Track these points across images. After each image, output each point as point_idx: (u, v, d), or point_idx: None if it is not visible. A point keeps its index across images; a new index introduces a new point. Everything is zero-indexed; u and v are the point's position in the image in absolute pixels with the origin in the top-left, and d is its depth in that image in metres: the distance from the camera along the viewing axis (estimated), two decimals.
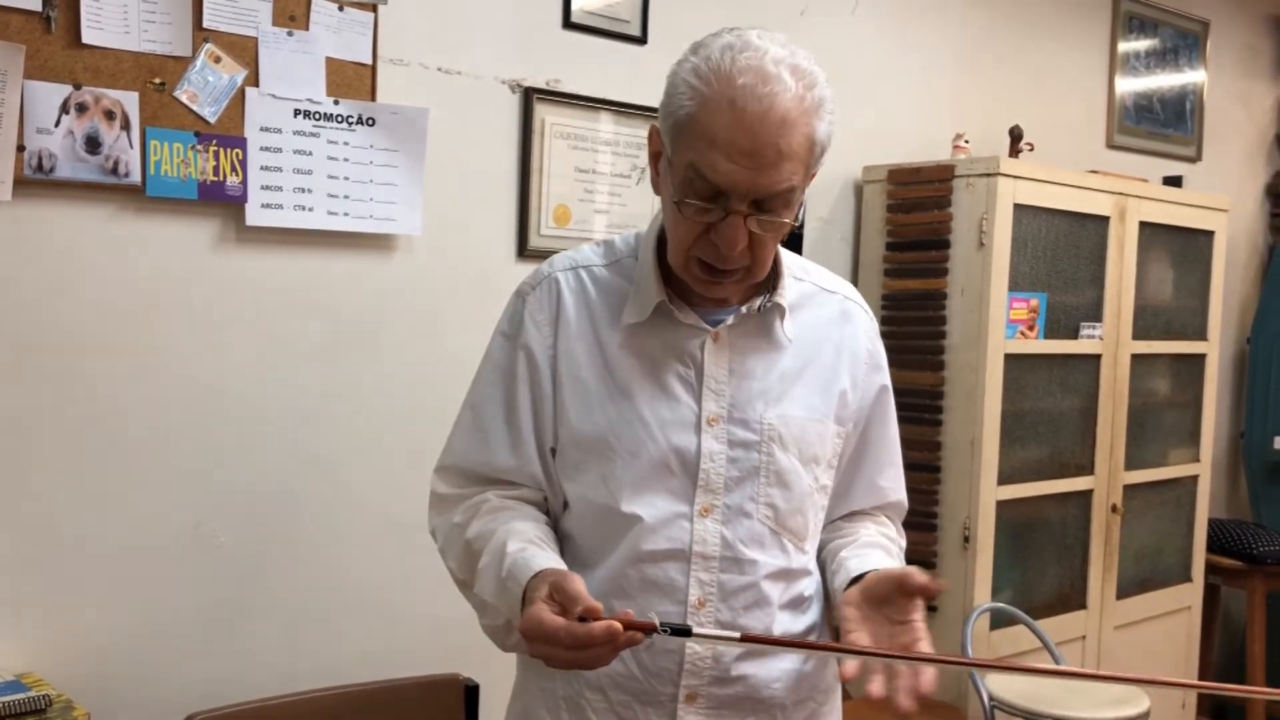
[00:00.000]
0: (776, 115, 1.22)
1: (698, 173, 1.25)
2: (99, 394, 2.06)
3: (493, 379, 1.43)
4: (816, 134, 1.28)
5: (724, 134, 1.22)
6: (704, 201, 1.26)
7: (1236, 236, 4.47)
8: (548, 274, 1.44)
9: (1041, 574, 3.30)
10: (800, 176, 1.27)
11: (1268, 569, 3.85)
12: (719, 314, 1.39)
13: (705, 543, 1.35)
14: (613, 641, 1.15)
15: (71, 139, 1.96)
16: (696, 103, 1.25)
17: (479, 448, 1.42)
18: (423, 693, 2.22)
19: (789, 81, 1.24)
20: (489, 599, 1.33)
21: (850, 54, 3.21)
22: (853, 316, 1.48)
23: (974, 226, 2.99)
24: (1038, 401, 3.20)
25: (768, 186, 1.24)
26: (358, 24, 2.27)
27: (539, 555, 1.28)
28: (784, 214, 1.28)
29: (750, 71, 1.23)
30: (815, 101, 1.27)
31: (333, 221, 2.27)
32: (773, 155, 1.23)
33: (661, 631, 1.17)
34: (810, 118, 1.26)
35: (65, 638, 2.05)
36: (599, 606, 1.17)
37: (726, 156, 1.23)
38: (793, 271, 1.45)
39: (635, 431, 1.35)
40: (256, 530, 2.25)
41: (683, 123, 1.26)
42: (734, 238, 1.26)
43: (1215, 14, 4.36)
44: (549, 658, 1.18)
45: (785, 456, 1.38)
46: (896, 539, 1.53)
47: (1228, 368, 4.49)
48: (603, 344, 1.39)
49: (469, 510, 1.40)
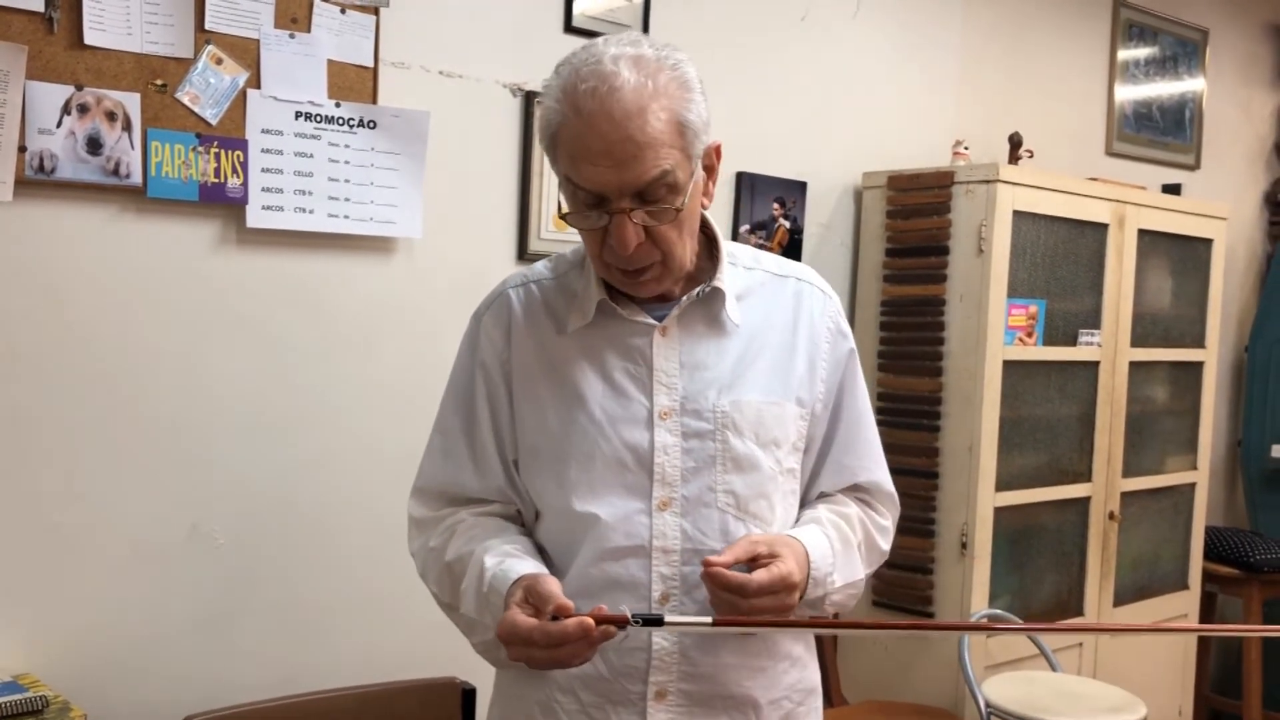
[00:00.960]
0: (619, 109, 1.24)
1: (573, 185, 1.29)
2: (97, 394, 2.06)
3: (455, 402, 1.47)
4: (681, 115, 1.28)
5: (579, 142, 1.26)
6: (587, 209, 1.29)
7: (1235, 244, 4.48)
8: (500, 292, 1.48)
9: (1039, 581, 3.30)
10: (675, 158, 1.27)
11: (1264, 577, 3.85)
12: (662, 308, 1.41)
13: (665, 536, 1.35)
14: (587, 637, 1.18)
15: (73, 140, 1.96)
16: (555, 120, 1.29)
17: (446, 470, 1.46)
18: (420, 695, 2.22)
19: (626, 75, 1.26)
20: (475, 616, 1.35)
21: (850, 60, 3.21)
22: (806, 296, 1.48)
23: (973, 233, 2.99)
24: (1036, 408, 3.20)
25: (636, 178, 1.26)
26: (359, 26, 2.28)
27: (517, 564, 1.31)
28: (671, 199, 1.29)
29: (590, 76, 1.26)
30: (662, 86, 1.27)
31: (333, 224, 2.27)
32: (630, 148, 1.25)
33: (634, 623, 1.19)
34: (663, 100, 1.27)
35: (62, 638, 2.05)
36: (570, 604, 1.20)
37: (588, 161, 1.26)
38: (742, 261, 1.47)
39: (588, 432, 1.37)
40: (254, 532, 2.25)
41: (550, 143, 1.31)
42: (623, 237, 1.28)
43: (1214, 22, 4.37)
44: (528, 659, 1.22)
45: (741, 442, 1.38)
46: (850, 515, 1.48)
47: (1226, 375, 4.49)
48: (551, 351, 1.41)
49: (445, 532, 1.43)
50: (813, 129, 3.14)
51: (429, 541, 1.45)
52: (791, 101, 3.09)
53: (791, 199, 3.09)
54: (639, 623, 1.19)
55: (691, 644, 1.35)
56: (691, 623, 1.27)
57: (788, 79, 3.07)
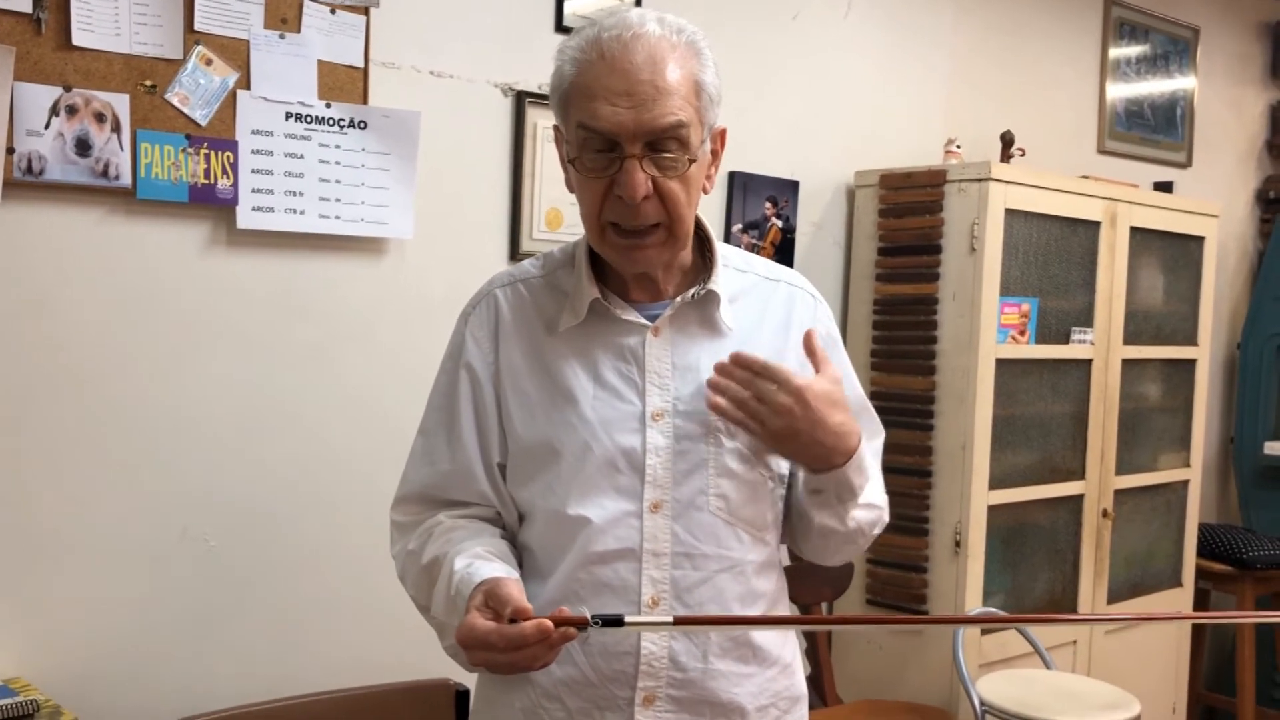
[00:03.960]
0: (644, 53, 1.27)
1: (587, 129, 1.29)
2: (87, 397, 2.05)
3: (439, 404, 1.46)
4: (699, 76, 1.31)
5: (600, 82, 1.28)
6: (599, 154, 1.29)
7: (1227, 242, 4.49)
8: (487, 292, 1.47)
9: (1032, 579, 3.30)
10: (689, 113, 1.29)
11: (1257, 574, 3.85)
12: (656, 308, 1.40)
13: (656, 539, 1.34)
14: (546, 639, 1.16)
15: (61, 141, 1.96)
16: (574, 69, 1.30)
17: (428, 473, 1.45)
18: (413, 697, 2.21)
19: (653, 27, 1.30)
20: (444, 619, 1.34)
21: (842, 59, 3.21)
22: (798, 301, 1.48)
23: (965, 231, 2.99)
24: (1029, 406, 3.20)
25: (652, 121, 1.27)
26: (350, 27, 2.27)
27: (484, 568, 1.29)
28: (681, 154, 1.30)
29: (616, 26, 1.30)
30: (687, 44, 1.31)
31: (324, 225, 2.26)
32: (650, 90, 1.27)
33: (593, 624, 1.17)
34: (684, 56, 1.30)
35: (53, 642, 2.04)
36: (528, 607, 1.19)
37: (606, 101, 1.27)
38: (734, 264, 1.46)
39: (579, 434, 1.35)
40: (246, 534, 2.24)
41: (567, 92, 1.32)
42: (633, 182, 1.28)
43: (1205, 21, 4.37)
44: (488, 664, 1.21)
45: (733, 445, 1.37)
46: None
47: (1218, 373, 4.50)
48: (542, 351, 1.40)
49: (422, 535, 1.42)
50: (805, 128, 3.14)
51: (408, 544, 1.44)
52: (784, 101, 3.09)
53: (784, 198, 3.09)
54: (598, 624, 1.18)
55: (680, 649, 1.34)
56: (652, 622, 1.27)
57: (780, 78, 3.07)
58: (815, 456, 1.31)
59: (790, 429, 1.27)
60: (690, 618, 1.29)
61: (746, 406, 1.27)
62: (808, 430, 1.27)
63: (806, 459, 1.33)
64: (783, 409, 1.26)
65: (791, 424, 1.27)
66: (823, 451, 1.30)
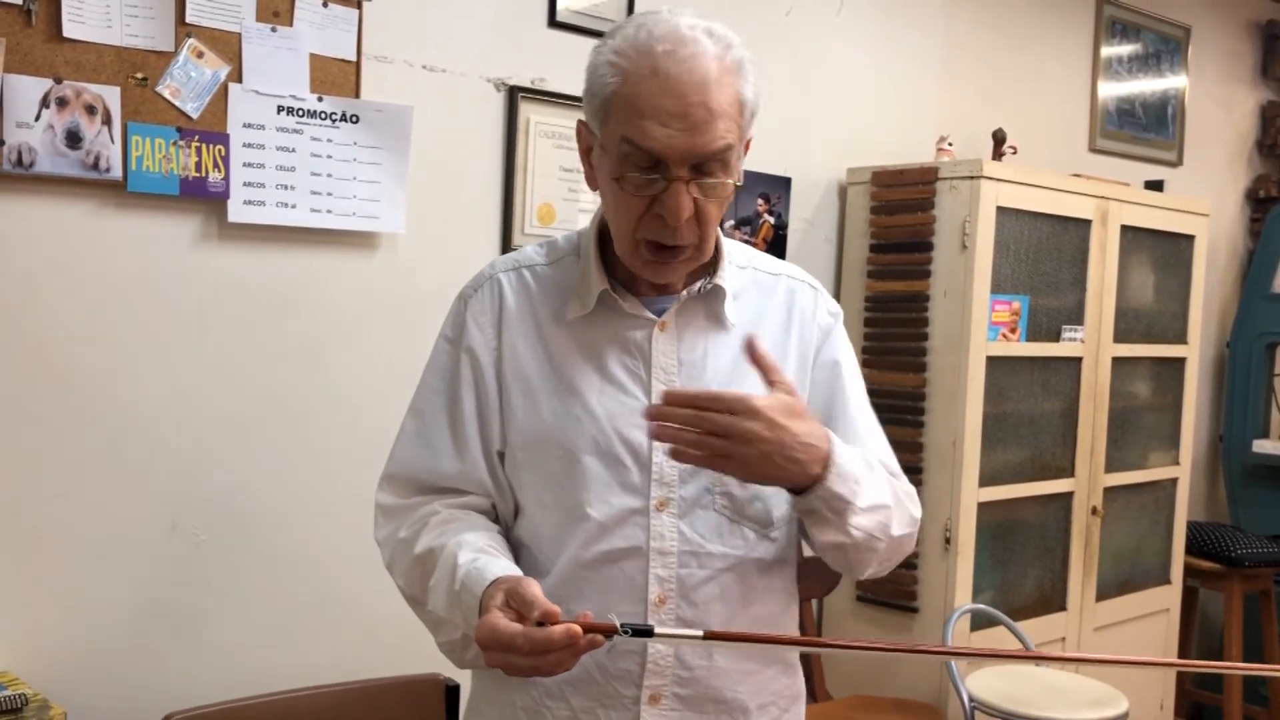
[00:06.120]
0: (699, 75, 1.23)
1: (633, 145, 1.24)
2: (77, 390, 2.05)
3: (436, 385, 1.41)
4: (743, 93, 1.28)
5: (652, 101, 1.23)
6: (643, 173, 1.25)
7: (1217, 240, 4.51)
8: (489, 275, 1.42)
9: (1022, 576, 3.31)
10: (735, 135, 1.27)
11: (1245, 571, 3.87)
12: (662, 302, 1.38)
13: (662, 538, 1.32)
14: (573, 645, 1.11)
15: (52, 133, 1.95)
16: (620, 78, 1.25)
17: (423, 455, 1.40)
18: (403, 692, 2.21)
19: (707, 43, 1.25)
20: (444, 614, 1.29)
21: (835, 56, 3.22)
22: (799, 294, 1.46)
23: (957, 229, 3.00)
24: (1019, 404, 3.21)
25: (703, 146, 1.24)
26: (342, 20, 2.26)
27: (492, 564, 1.24)
28: (724, 177, 1.28)
29: (668, 39, 1.24)
30: (735, 61, 1.27)
31: (315, 219, 2.26)
32: (703, 114, 1.23)
33: (623, 633, 1.13)
34: (733, 76, 1.27)
35: (42, 636, 2.03)
36: (556, 610, 1.13)
37: (659, 122, 1.23)
38: (736, 260, 1.44)
39: (584, 427, 1.33)
40: (235, 529, 2.24)
41: (609, 100, 1.26)
42: (678, 205, 1.25)
43: (1197, 20, 4.39)
44: (507, 666, 1.14)
45: None
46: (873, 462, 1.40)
47: (1208, 371, 4.52)
48: (547, 341, 1.37)
49: (416, 524, 1.37)
50: (797, 125, 3.14)
51: (398, 531, 1.39)
52: (776, 98, 3.08)
53: (776, 195, 3.09)
54: (629, 633, 1.13)
55: (686, 647, 1.33)
56: (683, 636, 1.23)
57: (772, 75, 3.07)
58: (792, 476, 1.23)
59: (762, 454, 1.19)
60: (720, 633, 1.25)
61: (707, 445, 1.18)
62: (778, 450, 1.19)
63: (785, 480, 1.24)
64: (750, 435, 1.18)
65: (762, 449, 1.18)
66: (798, 468, 1.22)
